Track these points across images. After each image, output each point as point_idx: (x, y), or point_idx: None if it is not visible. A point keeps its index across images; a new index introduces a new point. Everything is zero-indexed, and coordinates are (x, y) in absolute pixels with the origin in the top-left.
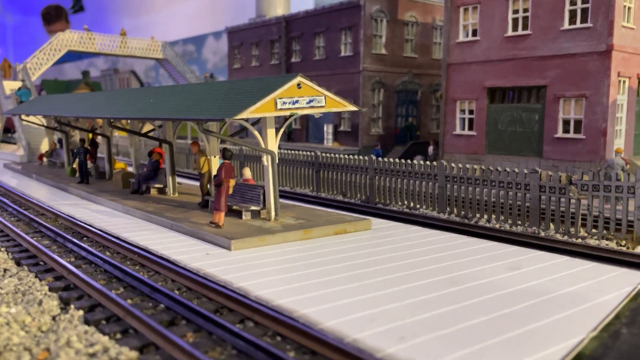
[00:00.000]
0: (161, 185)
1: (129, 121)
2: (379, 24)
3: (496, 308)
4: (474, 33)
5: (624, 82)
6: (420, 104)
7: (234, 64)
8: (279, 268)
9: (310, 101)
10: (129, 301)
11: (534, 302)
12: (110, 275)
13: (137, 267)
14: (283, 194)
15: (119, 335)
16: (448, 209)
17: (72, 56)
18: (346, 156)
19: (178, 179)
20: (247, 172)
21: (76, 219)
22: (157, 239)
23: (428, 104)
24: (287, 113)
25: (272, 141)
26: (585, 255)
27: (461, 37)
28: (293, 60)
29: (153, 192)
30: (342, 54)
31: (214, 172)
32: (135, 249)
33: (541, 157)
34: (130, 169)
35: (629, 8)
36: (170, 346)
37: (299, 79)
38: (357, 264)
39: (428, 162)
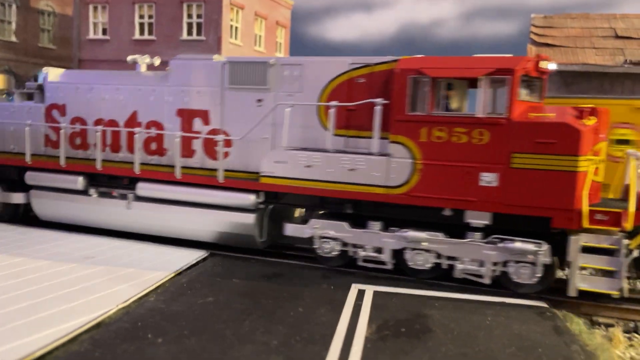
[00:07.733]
0: None
1: None
2: (8, 9)
3: (41, 294)
4: (104, 32)
5: None
6: None
7: None
8: None
9: None
10: None
11: (91, 284)
12: None
13: None
14: None
15: None
16: None
17: None
18: None
19: None
20: None
21: None
22: None
23: None
24: None
25: None
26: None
27: (92, 35)
28: None
29: None
30: None
31: None
32: None
33: None
34: None
35: (237, 27)
36: None
37: None
38: None
39: None
